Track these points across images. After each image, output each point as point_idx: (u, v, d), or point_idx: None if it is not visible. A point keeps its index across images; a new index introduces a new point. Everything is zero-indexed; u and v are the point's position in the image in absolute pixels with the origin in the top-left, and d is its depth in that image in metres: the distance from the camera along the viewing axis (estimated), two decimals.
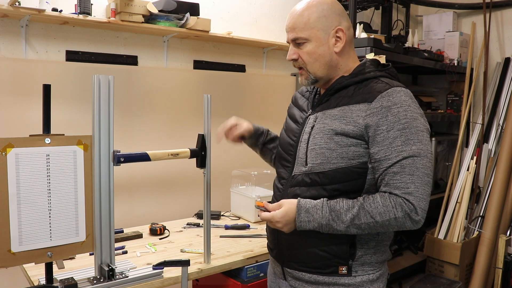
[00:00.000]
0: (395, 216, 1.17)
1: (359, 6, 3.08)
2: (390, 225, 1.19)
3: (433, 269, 3.06)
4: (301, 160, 1.31)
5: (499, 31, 3.42)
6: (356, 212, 1.19)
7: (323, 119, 1.29)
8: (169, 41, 2.58)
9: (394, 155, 1.18)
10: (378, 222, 1.18)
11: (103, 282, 1.47)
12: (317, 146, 1.26)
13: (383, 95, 1.22)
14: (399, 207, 1.17)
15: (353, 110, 1.24)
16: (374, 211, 1.18)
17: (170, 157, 1.64)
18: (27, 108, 2.08)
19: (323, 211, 1.21)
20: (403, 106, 1.20)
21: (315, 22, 1.28)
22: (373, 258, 1.31)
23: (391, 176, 1.19)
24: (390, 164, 1.18)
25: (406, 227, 1.19)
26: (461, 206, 3.03)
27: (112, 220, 1.50)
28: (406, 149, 1.18)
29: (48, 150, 1.37)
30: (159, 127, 2.54)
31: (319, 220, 1.21)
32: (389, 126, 1.19)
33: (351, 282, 1.29)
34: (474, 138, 3.27)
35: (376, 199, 1.20)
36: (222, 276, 1.89)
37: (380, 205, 1.18)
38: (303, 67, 1.33)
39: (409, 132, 1.18)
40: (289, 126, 1.44)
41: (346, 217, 1.19)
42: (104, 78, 1.44)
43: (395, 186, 1.18)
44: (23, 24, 2.09)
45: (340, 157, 1.23)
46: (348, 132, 1.23)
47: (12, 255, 1.33)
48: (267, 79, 3.02)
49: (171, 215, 2.48)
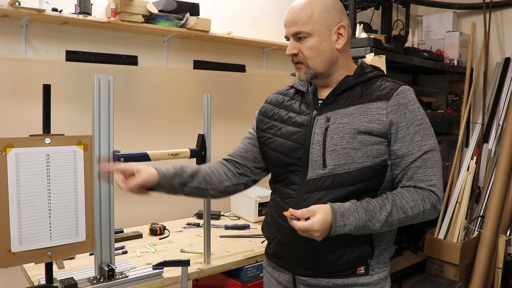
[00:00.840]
0: (424, 209, 1.21)
1: (359, 6, 3.07)
2: (418, 217, 1.23)
3: (433, 269, 3.06)
4: (316, 163, 1.26)
5: (499, 31, 3.42)
6: (389, 209, 1.19)
7: (338, 119, 1.26)
8: (169, 41, 2.58)
9: (416, 150, 1.23)
10: (409, 217, 1.21)
11: (103, 282, 1.47)
12: (338, 146, 1.24)
13: (398, 92, 1.25)
14: (427, 200, 1.22)
15: (372, 108, 1.25)
16: (406, 206, 1.20)
17: (170, 157, 1.64)
18: (27, 108, 2.08)
19: (359, 213, 1.18)
20: (416, 103, 1.27)
21: (318, 16, 1.26)
22: (386, 254, 1.32)
23: (414, 170, 1.23)
24: (414, 159, 1.22)
25: (430, 217, 1.25)
26: (461, 206, 3.03)
27: (112, 220, 1.51)
28: (425, 144, 1.23)
29: (48, 150, 1.37)
30: (159, 127, 2.54)
31: (355, 223, 1.17)
32: (408, 123, 1.23)
33: (369, 281, 1.28)
34: (474, 138, 3.27)
35: (404, 194, 1.21)
36: (222, 276, 1.89)
37: (410, 200, 1.21)
38: (303, 62, 1.30)
39: (425, 127, 1.25)
40: (287, 130, 1.35)
41: (381, 216, 1.19)
42: (104, 78, 1.45)
43: (419, 179, 1.22)
44: (23, 24, 2.09)
45: (366, 156, 1.23)
46: (372, 130, 1.23)
47: (12, 255, 1.33)
48: (267, 79, 3.02)
49: (171, 215, 2.47)
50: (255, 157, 1.47)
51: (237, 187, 1.47)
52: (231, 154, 1.51)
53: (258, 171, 1.49)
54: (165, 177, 1.33)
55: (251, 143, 1.49)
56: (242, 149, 1.50)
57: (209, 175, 1.42)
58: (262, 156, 1.46)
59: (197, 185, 1.39)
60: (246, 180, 1.48)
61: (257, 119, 1.48)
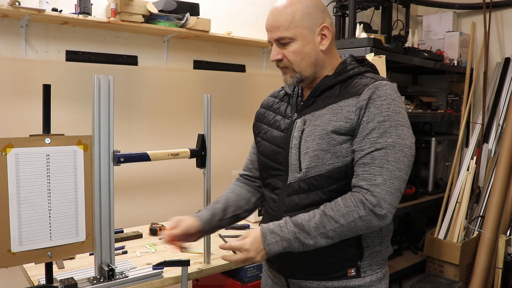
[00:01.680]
0: (359, 215, 1.12)
1: (359, 6, 3.08)
2: (357, 226, 1.14)
3: (433, 269, 3.06)
4: (294, 166, 1.25)
5: (499, 31, 3.42)
6: (318, 220, 1.15)
7: (312, 121, 1.24)
8: (169, 41, 2.58)
9: (367, 146, 1.15)
10: (344, 226, 1.14)
11: (103, 282, 1.47)
12: (309, 149, 1.22)
13: (370, 87, 1.20)
14: (360, 205, 1.12)
15: (343, 106, 1.21)
16: (337, 215, 1.14)
17: (170, 157, 1.64)
18: (27, 108, 2.08)
19: (287, 227, 1.17)
20: (387, 100, 1.18)
21: (300, 20, 1.22)
22: (379, 255, 1.29)
23: (361, 167, 1.15)
24: (362, 155, 1.16)
25: (373, 225, 1.14)
26: (461, 206, 3.03)
27: (112, 220, 1.51)
28: (380, 141, 1.15)
29: (48, 150, 1.37)
30: (159, 127, 2.54)
31: (286, 237, 1.16)
32: (370, 118, 1.17)
33: (361, 283, 1.26)
34: (474, 138, 3.27)
35: (337, 202, 1.16)
36: (222, 276, 1.89)
37: (342, 207, 1.14)
38: (289, 66, 1.27)
39: (388, 125, 1.16)
40: (272, 134, 1.34)
41: (309, 228, 1.15)
42: (104, 78, 1.44)
43: (362, 177, 1.14)
44: (23, 24, 2.09)
45: (335, 156, 1.19)
46: (340, 129, 1.19)
47: (12, 255, 1.33)
48: (267, 79, 3.02)
49: (171, 215, 2.45)
50: None
51: (262, 198, 1.48)
52: (244, 168, 1.53)
53: None
54: (203, 222, 1.37)
55: (255, 152, 1.48)
56: (250, 162, 1.51)
57: (237, 200, 1.44)
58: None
59: (232, 214, 1.42)
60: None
61: (253, 125, 1.47)
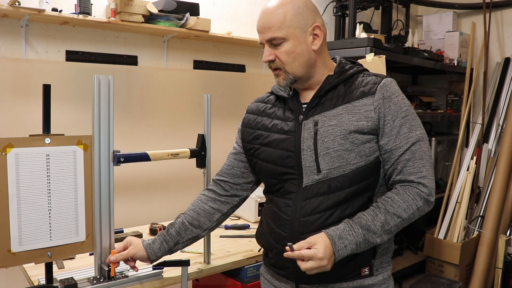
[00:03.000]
0: (417, 207, 1.20)
1: (359, 6, 3.08)
2: (414, 216, 1.21)
3: (433, 269, 3.06)
4: (310, 169, 1.24)
5: (499, 31, 3.42)
6: (383, 218, 1.18)
7: (327, 122, 1.24)
8: (169, 41, 2.58)
9: (404, 143, 1.21)
10: (405, 219, 1.20)
11: (103, 282, 1.47)
12: (331, 149, 1.21)
13: (381, 86, 1.23)
14: (417, 197, 1.20)
15: (359, 106, 1.22)
16: (399, 210, 1.18)
17: (170, 157, 1.64)
18: (27, 108, 2.08)
19: (355, 230, 1.16)
20: (400, 95, 1.25)
21: (291, 20, 1.22)
22: (387, 252, 1.31)
23: (404, 163, 1.21)
24: (402, 152, 1.21)
25: (425, 212, 1.23)
26: (461, 206, 3.03)
27: (112, 220, 1.50)
28: (412, 136, 1.22)
29: (48, 150, 1.37)
30: (159, 127, 2.54)
31: (356, 240, 1.16)
32: (394, 116, 1.22)
33: (374, 281, 1.26)
34: (474, 138, 3.27)
35: (394, 199, 1.19)
36: (222, 276, 1.89)
37: (401, 202, 1.19)
38: (281, 67, 1.27)
39: (411, 118, 1.23)
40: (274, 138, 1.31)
41: (376, 227, 1.17)
42: (104, 78, 1.44)
43: (409, 172, 1.21)
44: (23, 24, 2.09)
45: (359, 155, 1.21)
46: (363, 128, 1.21)
47: (12, 255, 1.33)
48: (267, 79, 3.02)
49: (171, 215, 2.46)
50: (242, 172, 1.45)
51: (227, 213, 1.50)
52: (219, 172, 1.50)
53: (248, 186, 1.48)
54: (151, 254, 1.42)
55: (237, 158, 1.47)
56: (228, 166, 1.48)
57: (196, 219, 1.45)
58: (252, 168, 1.43)
59: (190, 236, 1.45)
60: (237, 201, 1.49)
61: (241, 131, 1.45)
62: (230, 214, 1.52)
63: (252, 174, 1.46)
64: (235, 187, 1.47)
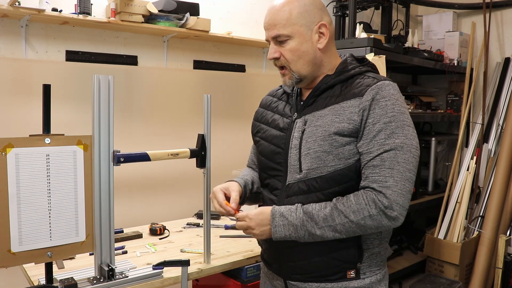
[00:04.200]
0: (369, 214, 1.12)
1: (359, 6, 3.08)
2: (366, 224, 1.14)
3: (433, 269, 3.06)
4: (294, 167, 1.24)
5: (499, 31, 3.42)
6: (328, 212, 1.15)
7: (313, 122, 1.23)
8: (169, 41, 2.58)
9: (376, 148, 1.15)
10: (353, 222, 1.14)
11: (103, 282, 1.47)
12: (311, 150, 1.21)
13: (372, 88, 1.18)
14: (372, 204, 1.12)
15: (345, 107, 1.20)
16: (348, 210, 1.14)
17: (170, 157, 1.64)
18: (27, 108, 2.08)
19: (297, 213, 1.18)
20: (391, 100, 1.17)
21: (297, 17, 1.21)
22: (378, 257, 1.28)
23: (371, 169, 1.15)
24: (371, 157, 1.15)
25: (383, 225, 1.14)
26: (461, 206, 3.03)
27: (112, 220, 1.50)
28: (388, 142, 1.14)
29: (48, 150, 1.37)
30: (159, 127, 2.54)
31: (294, 222, 1.17)
32: (375, 119, 1.16)
33: (360, 285, 1.25)
34: (474, 138, 3.27)
35: (349, 198, 1.16)
36: (222, 276, 1.89)
37: (354, 203, 1.14)
38: (286, 66, 1.26)
39: (395, 125, 1.15)
40: (270, 133, 1.34)
41: (318, 218, 1.15)
42: (104, 78, 1.44)
43: (373, 179, 1.14)
44: (23, 24, 2.09)
45: (337, 158, 1.18)
46: (343, 130, 1.18)
47: (12, 255, 1.33)
48: (267, 79, 3.02)
49: (171, 215, 2.48)
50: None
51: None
52: (248, 163, 1.55)
53: None
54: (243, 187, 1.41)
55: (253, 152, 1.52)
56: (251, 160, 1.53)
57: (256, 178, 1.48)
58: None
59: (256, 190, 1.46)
60: None
61: (252, 124, 1.48)
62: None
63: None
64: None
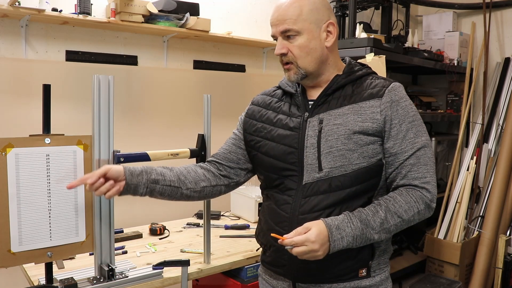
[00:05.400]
0: (418, 210, 1.20)
1: (359, 6, 3.08)
2: (414, 220, 1.22)
3: (433, 269, 3.06)
4: (311, 166, 1.23)
5: (499, 31, 3.42)
6: (383, 215, 1.18)
7: (332, 121, 1.24)
8: (169, 41, 2.58)
9: (409, 148, 1.22)
10: (405, 220, 1.20)
11: (103, 282, 1.47)
12: (333, 148, 1.21)
13: (389, 89, 1.24)
14: (420, 200, 1.20)
15: (365, 107, 1.23)
16: (400, 210, 1.19)
17: (170, 157, 1.64)
18: (27, 108, 2.08)
19: (353, 223, 1.15)
20: (407, 100, 1.26)
21: (307, 14, 1.23)
22: (385, 254, 1.31)
23: (408, 168, 1.22)
24: (407, 157, 1.21)
25: (425, 217, 1.24)
26: (461, 206, 3.03)
27: (112, 220, 1.50)
28: (418, 141, 1.22)
29: (48, 150, 1.37)
30: (159, 127, 2.54)
31: (352, 233, 1.15)
32: (401, 120, 1.22)
33: (372, 283, 1.26)
34: (474, 138, 3.27)
35: (396, 198, 1.20)
36: (222, 276, 1.89)
37: (403, 203, 1.19)
38: (293, 61, 1.27)
39: (417, 124, 1.24)
40: (278, 133, 1.31)
41: (375, 223, 1.17)
42: (104, 78, 1.44)
43: (413, 177, 1.21)
44: (23, 24, 2.09)
45: (362, 156, 1.21)
46: (367, 129, 1.21)
47: (12, 255, 1.33)
48: (267, 79, 3.02)
49: (171, 215, 2.47)
50: (238, 159, 1.44)
51: (215, 188, 1.42)
52: (214, 155, 1.48)
53: (242, 172, 1.44)
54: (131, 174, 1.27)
55: (235, 144, 1.45)
56: (225, 150, 1.46)
57: (183, 174, 1.37)
58: (251, 159, 1.42)
59: (169, 183, 1.33)
60: (228, 181, 1.44)
61: (244, 122, 1.44)
62: (218, 194, 1.45)
63: (247, 162, 1.44)
64: (228, 169, 1.44)
